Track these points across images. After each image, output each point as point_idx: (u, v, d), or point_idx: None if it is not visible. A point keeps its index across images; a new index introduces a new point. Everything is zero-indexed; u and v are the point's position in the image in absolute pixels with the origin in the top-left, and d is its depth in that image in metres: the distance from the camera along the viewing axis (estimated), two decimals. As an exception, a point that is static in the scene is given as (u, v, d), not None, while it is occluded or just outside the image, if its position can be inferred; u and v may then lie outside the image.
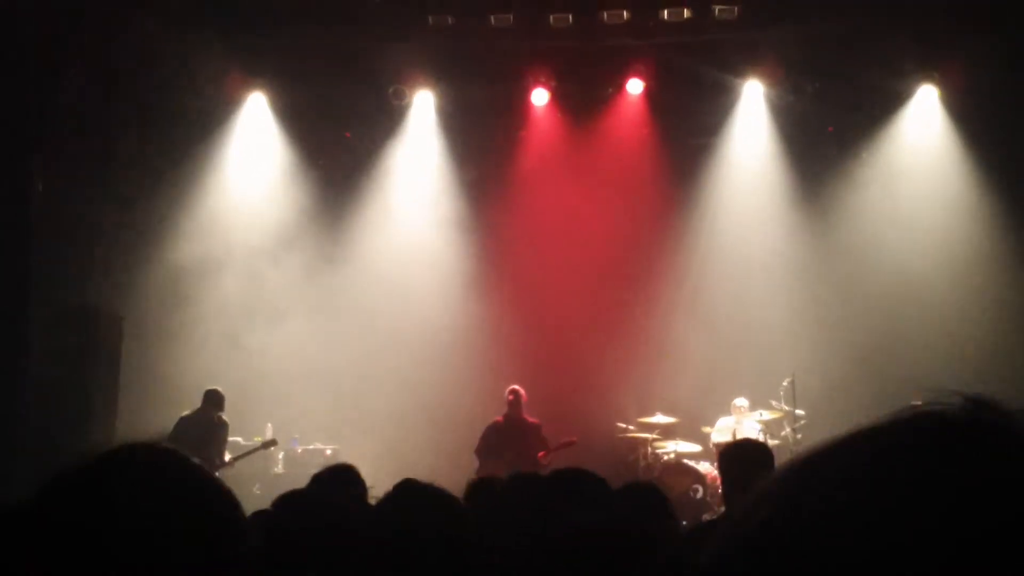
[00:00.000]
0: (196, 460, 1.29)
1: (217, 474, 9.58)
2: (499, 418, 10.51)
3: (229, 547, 1.21)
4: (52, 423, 10.21)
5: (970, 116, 11.96)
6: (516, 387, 10.55)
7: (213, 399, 10.25)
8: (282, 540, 2.79)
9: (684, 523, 7.68)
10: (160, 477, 1.22)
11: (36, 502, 1.18)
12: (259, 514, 3.45)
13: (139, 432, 10.04)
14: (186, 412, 10.23)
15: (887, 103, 12.31)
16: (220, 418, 10.23)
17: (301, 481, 4.39)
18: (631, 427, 11.40)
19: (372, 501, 3.77)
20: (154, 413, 10.66)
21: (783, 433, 10.88)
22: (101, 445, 1.30)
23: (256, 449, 10.51)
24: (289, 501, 3.19)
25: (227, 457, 10.19)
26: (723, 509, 7.32)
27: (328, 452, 11.48)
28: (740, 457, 4.57)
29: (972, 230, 12.02)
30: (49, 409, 10.43)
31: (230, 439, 10.45)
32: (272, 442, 10.81)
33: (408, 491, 2.27)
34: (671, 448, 11.03)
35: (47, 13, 10.20)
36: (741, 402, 10.99)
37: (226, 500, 1.26)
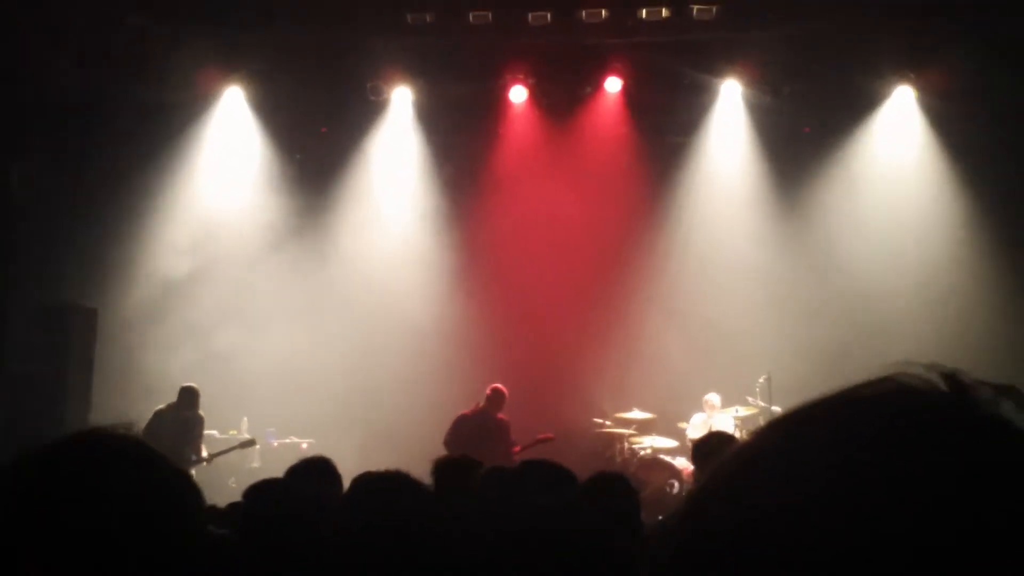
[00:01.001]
0: (151, 445, 1.29)
1: (193, 470, 9.54)
2: (467, 411, 10.44)
3: (184, 532, 1.22)
4: (25, 418, 10.16)
5: (946, 117, 12.06)
6: (501, 387, 10.48)
7: (189, 395, 10.22)
8: (253, 528, 2.80)
9: (660, 518, 7.73)
10: (113, 462, 1.22)
11: None
12: (233, 506, 3.46)
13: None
14: (161, 406, 10.19)
15: (864, 104, 12.40)
16: (196, 413, 10.22)
17: (277, 475, 4.39)
18: (607, 422, 11.46)
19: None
20: (130, 409, 10.60)
21: (758, 430, 10.93)
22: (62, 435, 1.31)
23: (234, 448, 10.49)
24: (260, 491, 3.21)
25: (204, 452, 10.18)
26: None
27: (304, 446, 11.48)
28: (713, 449, 4.60)
29: (946, 230, 12.13)
30: (22, 404, 10.39)
31: (206, 432, 10.44)
32: (251, 442, 10.80)
33: (374, 481, 2.31)
34: (647, 443, 11.09)
35: (27, 9, 10.13)
36: (712, 398, 11.07)
37: (181, 486, 1.26)
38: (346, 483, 4.47)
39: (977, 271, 11.89)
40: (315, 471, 4.24)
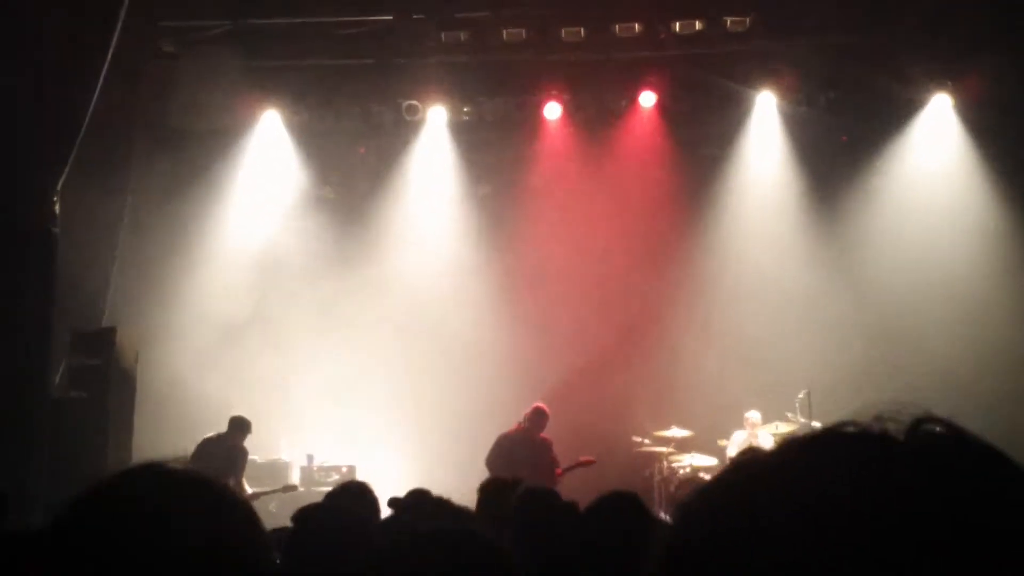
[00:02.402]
0: (215, 478, 1.28)
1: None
2: (509, 430, 10.34)
3: (251, 566, 1.20)
4: (68, 442, 10.24)
5: (985, 125, 11.91)
6: (543, 406, 10.39)
7: (239, 425, 10.01)
8: (301, 553, 2.79)
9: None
10: (177, 497, 1.21)
11: (56, 525, 1.18)
12: (278, 531, 3.45)
13: (156, 452, 10.04)
14: (209, 435, 10.01)
15: (901, 113, 12.27)
16: (242, 446, 10.03)
17: (317, 498, 4.40)
18: (647, 440, 11.35)
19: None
20: (171, 434, 10.65)
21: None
22: (118, 466, 1.29)
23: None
24: (307, 516, 3.19)
25: (246, 487, 10.01)
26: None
27: (344, 469, 11.45)
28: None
29: (986, 240, 11.96)
30: (66, 428, 10.47)
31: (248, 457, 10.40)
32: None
33: (416, 503, 2.29)
34: (687, 462, 10.98)
35: (62, 34, 10.27)
36: (753, 415, 10.93)
37: (246, 518, 1.24)
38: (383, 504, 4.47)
39: (1016, 285, 11.68)
40: (353, 496, 4.24)
